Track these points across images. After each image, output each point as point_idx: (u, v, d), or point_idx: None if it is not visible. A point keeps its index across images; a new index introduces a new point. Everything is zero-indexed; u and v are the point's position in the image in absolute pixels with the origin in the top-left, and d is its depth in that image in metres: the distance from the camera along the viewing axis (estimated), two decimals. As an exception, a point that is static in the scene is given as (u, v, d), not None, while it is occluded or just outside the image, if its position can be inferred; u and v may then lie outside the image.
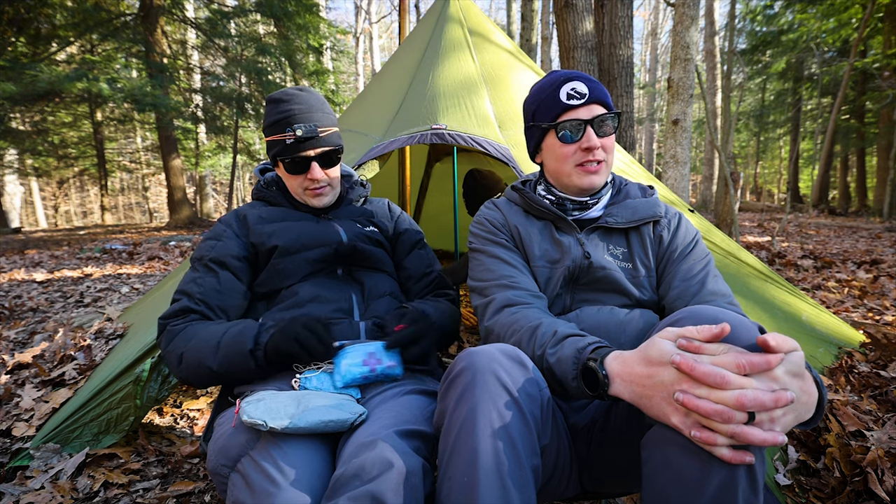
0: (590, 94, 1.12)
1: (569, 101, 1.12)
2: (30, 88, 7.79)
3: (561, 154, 1.15)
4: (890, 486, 1.22)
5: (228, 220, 1.33)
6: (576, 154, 1.13)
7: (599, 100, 1.13)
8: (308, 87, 1.39)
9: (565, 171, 1.16)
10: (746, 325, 0.74)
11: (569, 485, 1.01)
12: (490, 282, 1.14)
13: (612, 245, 1.17)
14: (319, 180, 1.31)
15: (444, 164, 4.26)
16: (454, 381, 0.82)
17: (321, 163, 1.30)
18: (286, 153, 1.27)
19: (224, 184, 22.78)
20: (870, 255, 4.81)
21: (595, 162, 1.13)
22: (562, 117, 1.13)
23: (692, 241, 1.17)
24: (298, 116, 1.27)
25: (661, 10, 26.59)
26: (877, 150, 11.65)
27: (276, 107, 1.29)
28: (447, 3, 2.61)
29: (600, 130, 1.13)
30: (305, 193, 1.34)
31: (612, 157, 1.17)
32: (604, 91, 1.15)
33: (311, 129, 1.25)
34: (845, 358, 1.85)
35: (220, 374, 1.08)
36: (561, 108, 1.13)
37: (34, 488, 1.45)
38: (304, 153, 1.27)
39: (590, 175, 1.14)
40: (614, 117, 1.14)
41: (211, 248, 1.26)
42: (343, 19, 44.28)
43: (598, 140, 1.12)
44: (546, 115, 1.16)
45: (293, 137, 1.25)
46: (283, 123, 1.26)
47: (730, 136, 9.83)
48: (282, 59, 10.90)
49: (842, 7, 9.93)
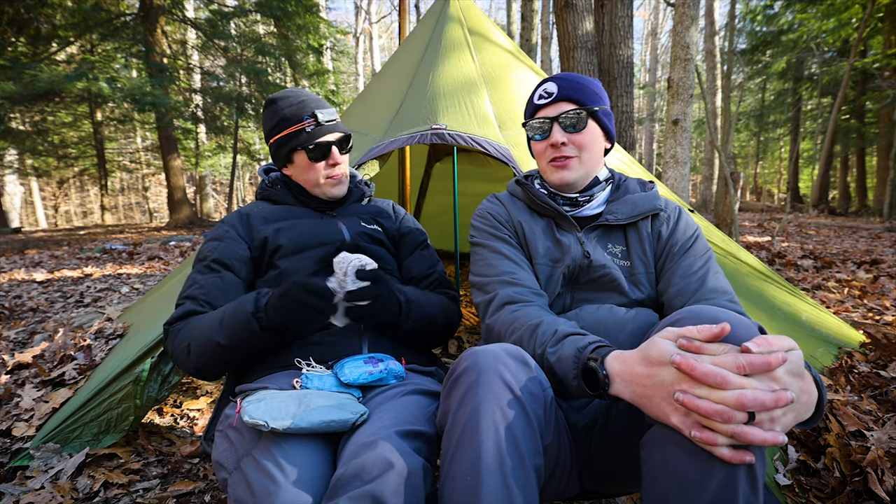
0: (558, 93, 1.15)
1: (538, 101, 1.18)
2: (30, 88, 7.79)
3: (536, 151, 1.22)
4: (890, 486, 1.22)
5: (231, 220, 1.33)
6: (547, 150, 1.17)
7: (569, 97, 1.14)
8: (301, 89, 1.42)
9: (542, 168, 1.21)
10: (747, 324, 0.74)
11: (569, 484, 1.01)
12: (491, 278, 1.13)
13: (612, 243, 1.17)
14: (340, 163, 1.33)
15: (444, 164, 4.26)
16: (458, 380, 0.82)
17: (339, 148, 1.33)
18: (309, 140, 1.29)
19: (224, 184, 22.77)
20: (870, 255, 4.81)
21: (563, 158, 1.15)
22: (535, 116, 1.19)
23: (692, 235, 1.16)
24: (314, 104, 1.30)
25: (661, 10, 26.60)
26: (877, 150, 11.65)
27: (282, 102, 1.31)
28: (447, 3, 2.61)
29: (569, 127, 1.14)
30: (325, 183, 1.35)
31: (590, 154, 1.17)
32: (580, 89, 1.15)
33: (331, 112, 1.30)
34: (845, 358, 1.85)
35: (229, 348, 1.08)
36: (533, 109, 1.20)
37: (34, 488, 1.45)
38: (326, 137, 1.30)
39: (558, 171, 1.16)
40: (583, 114, 1.14)
41: (213, 249, 1.26)
42: (343, 19, 44.30)
43: (563, 136, 1.14)
44: (526, 115, 1.24)
45: (314, 123, 1.28)
46: (298, 114, 1.29)
47: (730, 136, 9.83)
48: (282, 60, 10.91)
49: (842, 7, 9.92)
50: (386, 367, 1.11)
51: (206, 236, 1.33)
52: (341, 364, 1.10)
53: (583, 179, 1.18)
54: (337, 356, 1.15)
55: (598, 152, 1.19)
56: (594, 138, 1.17)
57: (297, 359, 1.14)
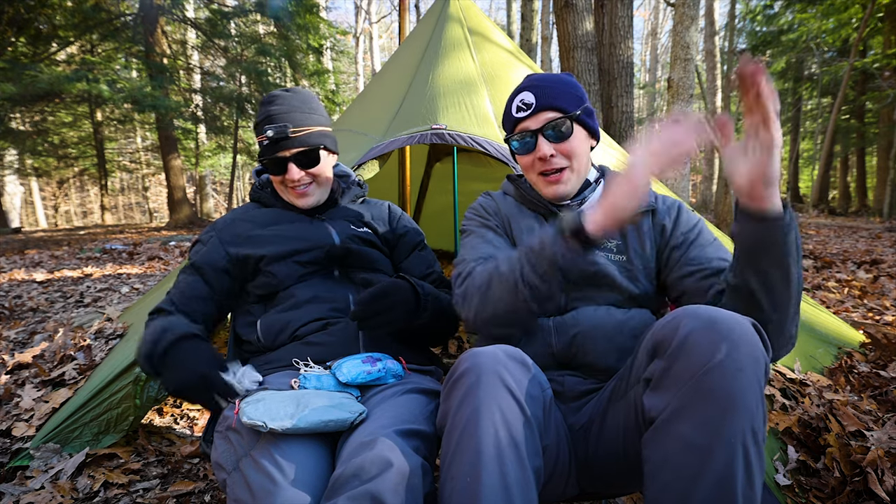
0: (537, 103, 1.09)
1: (517, 114, 1.12)
2: (30, 89, 7.80)
3: (523, 165, 1.17)
4: (890, 486, 1.22)
5: (219, 225, 1.34)
6: (535, 164, 1.12)
7: (550, 105, 1.09)
8: (298, 88, 1.40)
9: (532, 181, 1.17)
10: (739, 320, 0.76)
11: (568, 485, 1.01)
12: (469, 258, 1.11)
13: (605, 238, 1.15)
14: (296, 180, 1.30)
15: (444, 164, 4.25)
16: (457, 381, 0.83)
17: (299, 163, 1.29)
18: (264, 154, 1.30)
19: (224, 184, 22.77)
20: (870, 255, 4.81)
21: (554, 171, 1.11)
22: (515, 130, 1.14)
23: (695, 226, 1.14)
24: (273, 118, 1.28)
25: (661, 10, 26.59)
26: (877, 150, 11.66)
27: (260, 108, 1.33)
28: (447, 3, 2.61)
29: (554, 136, 1.09)
30: (289, 193, 1.34)
31: (579, 161, 1.12)
32: (558, 94, 1.10)
33: (281, 129, 1.26)
34: (845, 358, 1.85)
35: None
36: (513, 122, 1.14)
37: (34, 488, 1.45)
38: (279, 154, 1.28)
39: (552, 185, 1.12)
40: (567, 120, 1.08)
41: (196, 252, 1.29)
42: (343, 19, 44.26)
43: (550, 148, 1.09)
44: (506, 128, 1.18)
45: (266, 139, 1.27)
46: (260, 125, 1.30)
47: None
48: (282, 60, 10.91)
49: (842, 7, 9.93)
50: (384, 366, 1.11)
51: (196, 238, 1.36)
52: (339, 364, 1.10)
53: (575, 189, 1.15)
54: (335, 356, 1.15)
55: (587, 154, 1.16)
56: (581, 143, 1.12)
57: (295, 359, 1.14)
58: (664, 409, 0.76)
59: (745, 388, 0.71)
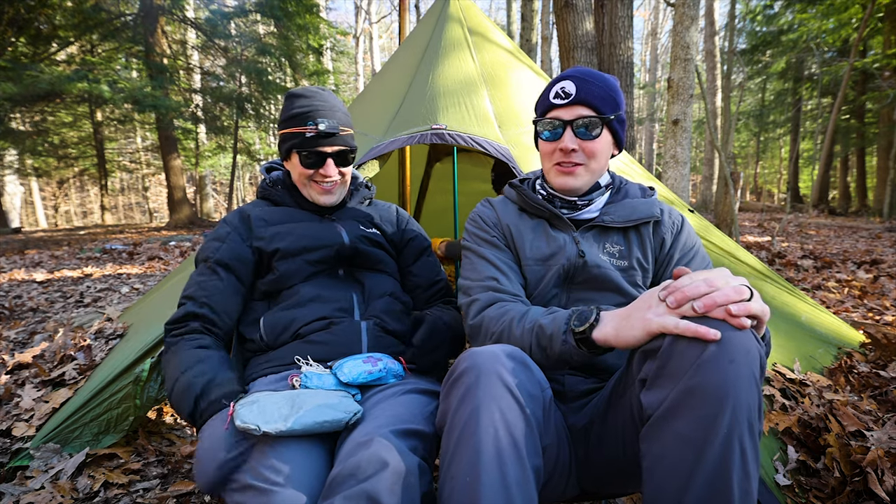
0: (576, 95, 1.09)
1: (554, 100, 1.12)
2: (30, 89, 7.80)
3: (543, 150, 1.17)
4: (890, 486, 1.22)
5: (233, 220, 1.33)
6: (555, 153, 1.13)
7: (586, 101, 1.09)
8: (328, 89, 1.41)
9: (547, 168, 1.18)
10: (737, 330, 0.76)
11: (568, 485, 1.01)
12: (475, 282, 1.13)
13: (609, 243, 1.16)
14: (331, 177, 1.32)
15: (444, 164, 4.25)
16: (457, 381, 0.83)
17: (336, 161, 1.32)
18: (304, 146, 1.29)
19: (224, 184, 22.77)
20: (870, 255, 4.81)
21: (571, 164, 1.12)
22: (547, 115, 1.14)
23: (692, 249, 1.17)
24: (322, 112, 1.29)
25: (661, 10, 26.59)
26: (877, 150, 11.65)
27: (297, 101, 1.31)
28: (447, 3, 2.60)
29: (583, 133, 1.09)
30: (313, 188, 1.34)
31: (598, 163, 1.13)
32: (598, 94, 1.09)
33: (333, 125, 1.29)
34: (845, 358, 1.85)
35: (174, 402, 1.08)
36: (547, 106, 1.14)
37: (34, 488, 1.45)
38: (321, 148, 1.29)
39: (563, 175, 1.13)
40: (599, 122, 1.09)
41: (216, 250, 1.25)
42: (343, 19, 44.30)
43: (575, 142, 1.10)
44: (538, 110, 1.18)
45: (314, 132, 1.27)
46: (304, 117, 1.28)
47: (730, 136, 9.83)
48: (282, 60, 10.92)
49: (842, 7, 9.92)
50: (385, 366, 1.11)
51: (206, 237, 1.33)
52: (340, 363, 1.10)
53: (586, 185, 1.16)
54: (337, 355, 1.15)
55: (606, 160, 1.17)
56: (605, 146, 1.13)
57: (297, 357, 1.15)
58: (659, 406, 0.76)
59: (737, 380, 0.70)
